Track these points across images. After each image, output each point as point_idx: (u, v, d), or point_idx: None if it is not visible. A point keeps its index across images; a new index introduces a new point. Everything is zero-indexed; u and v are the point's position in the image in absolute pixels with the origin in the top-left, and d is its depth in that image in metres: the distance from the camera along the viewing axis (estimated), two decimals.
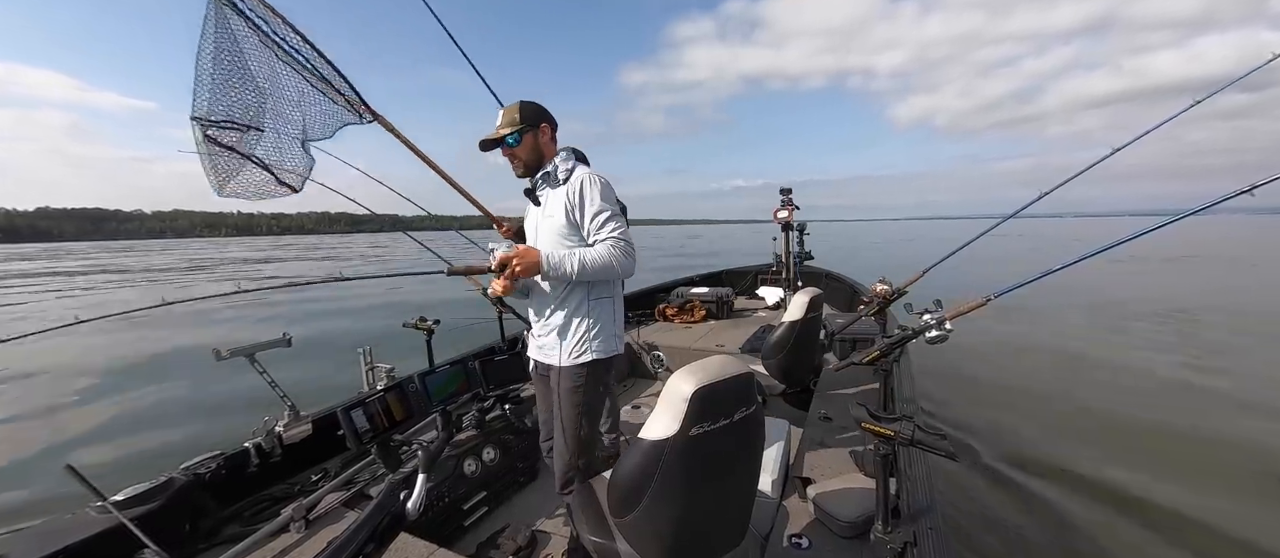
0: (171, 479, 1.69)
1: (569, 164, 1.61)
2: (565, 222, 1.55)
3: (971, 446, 3.69)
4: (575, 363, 1.58)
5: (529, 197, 1.67)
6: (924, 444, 1.31)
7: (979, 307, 1.55)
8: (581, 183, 1.54)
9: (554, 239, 1.59)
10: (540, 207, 1.64)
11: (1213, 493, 3.05)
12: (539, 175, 1.63)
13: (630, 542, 1.17)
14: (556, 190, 1.59)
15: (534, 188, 1.65)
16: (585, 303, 1.60)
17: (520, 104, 1.60)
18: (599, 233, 1.52)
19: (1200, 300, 9.63)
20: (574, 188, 1.54)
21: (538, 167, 1.63)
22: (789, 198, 4.90)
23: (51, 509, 1.57)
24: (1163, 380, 5.19)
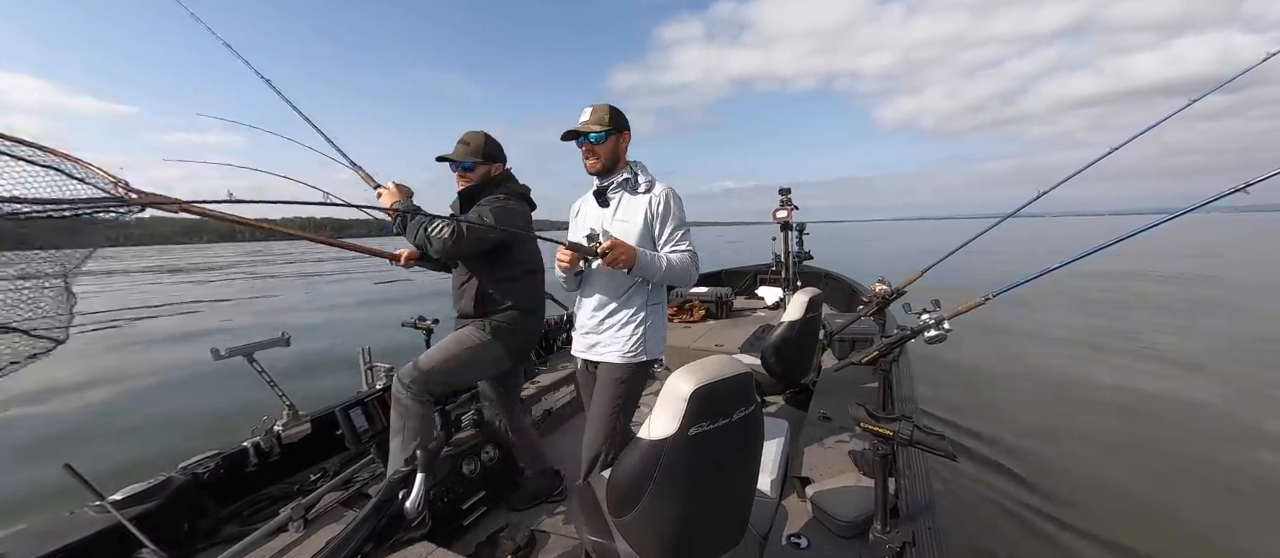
0: (170, 479, 1.69)
1: (649, 177, 1.72)
2: (642, 228, 1.66)
3: (970, 445, 3.69)
4: (630, 361, 1.66)
5: (597, 196, 1.75)
6: (923, 444, 1.31)
7: (978, 306, 1.55)
8: (667, 197, 1.68)
9: (624, 236, 1.66)
10: (607, 208, 1.73)
11: (1212, 493, 3.06)
12: (617, 180, 1.71)
13: (629, 541, 1.17)
14: (636, 197, 1.69)
15: (604, 189, 1.72)
16: (645, 306, 1.68)
17: (610, 108, 1.67)
18: (676, 245, 1.66)
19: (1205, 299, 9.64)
20: (659, 199, 1.67)
21: (611, 170, 1.71)
22: (788, 198, 4.90)
23: (50, 509, 1.56)
24: (1161, 380, 5.20)
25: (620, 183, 1.71)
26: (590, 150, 1.67)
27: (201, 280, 22.69)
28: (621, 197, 1.72)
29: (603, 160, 1.67)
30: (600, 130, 1.63)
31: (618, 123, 1.68)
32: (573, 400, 2.93)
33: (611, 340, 1.67)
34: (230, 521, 1.79)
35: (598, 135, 1.64)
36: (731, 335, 3.87)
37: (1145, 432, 3.97)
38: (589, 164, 1.69)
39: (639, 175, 1.71)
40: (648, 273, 1.57)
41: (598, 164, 1.68)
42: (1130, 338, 6.88)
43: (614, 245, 1.47)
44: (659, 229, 1.67)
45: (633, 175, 1.71)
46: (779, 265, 5.25)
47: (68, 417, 5.07)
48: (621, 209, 1.71)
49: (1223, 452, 3.59)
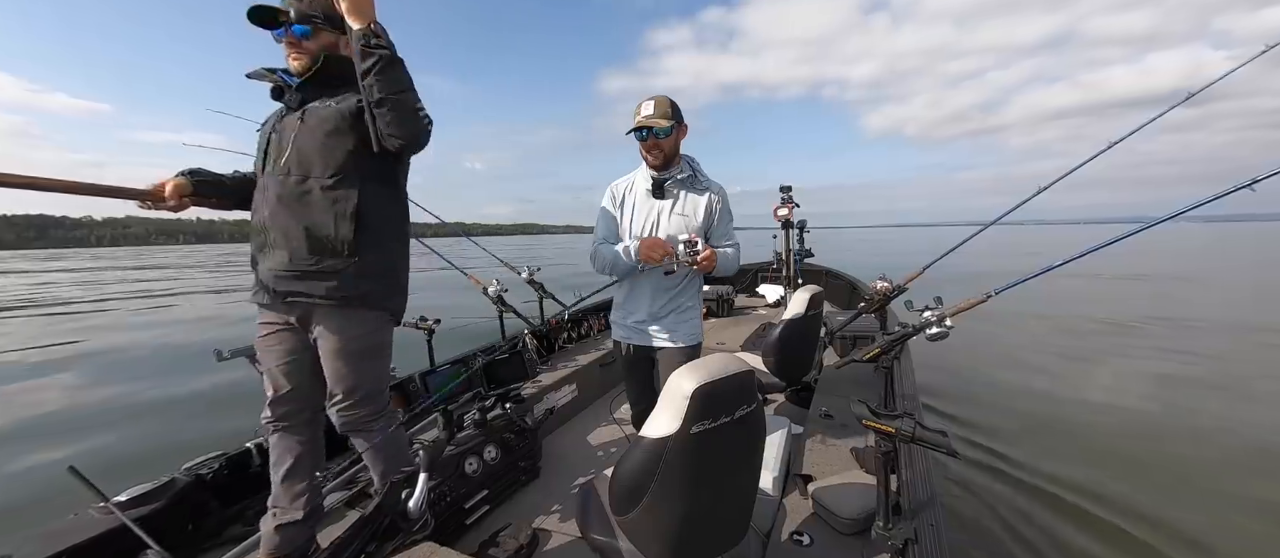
0: (174, 480, 1.69)
1: (706, 174, 1.79)
2: (701, 222, 1.73)
3: (972, 442, 3.69)
4: (689, 344, 1.76)
5: (655, 188, 1.75)
6: (925, 441, 1.31)
7: (980, 303, 1.55)
8: (724, 195, 1.78)
9: (680, 231, 1.70)
10: (663, 200, 1.75)
11: (1212, 492, 3.06)
12: (676, 174, 1.73)
13: (632, 540, 1.17)
14: (697, 194, 1.75)
15: (663, 182, 1.73)
16: (697, 296, 1.81)
17: (670, 100, 1.67)
18: (726, 238, 1.77)
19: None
20: (719, 197, 1.76)
21: (670, 163, 1.72)
22: (789, 195, 4.89)
23: (54, 511, 1.57)
24: (1160, 380, 5.19)
25: (681, 178, 1.74)
26: (656, 145, 1.67)
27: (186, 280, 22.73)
28: (681, 192, 1.75)
29: (666, 153, 1.69)
30: (667, 124, 1.63)
31: (678, 116, 1.68)
32: (574, 400, 2.93)
33: (676, 326, 1.76)
34: (234, 521, 1.79)
35: (665, 130, 1.64)
36: (733, 334, 3.87)
37: (1145, 429, 3.96)
38: (652, 158, 1.70)
39: (698, 172, 1.77)
40: (722, 271, 1.68)
41: (661, 158, 1.69)
42: (1133, 334, 6.87)
43: (707, 252, 1.55)
44: (717, 224, 1.76)
45: (692, 172, 1.76)
46: (780, 263, 5.25)
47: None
48: (682, 204, 1.74)
49: (1223, 452, 3.58)
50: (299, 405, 1.48)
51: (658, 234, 1.73)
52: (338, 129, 1.36)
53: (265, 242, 1.38)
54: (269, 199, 1.37)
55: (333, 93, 1.39)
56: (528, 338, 3.22)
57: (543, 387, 2.86)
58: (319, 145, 1.35)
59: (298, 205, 1.34)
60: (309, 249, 1.34)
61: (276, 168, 1.37)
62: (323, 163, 1.35)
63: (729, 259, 1.72)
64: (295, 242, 1.34)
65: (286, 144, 1.37)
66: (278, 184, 1.36)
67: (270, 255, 1.37)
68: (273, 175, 1.37)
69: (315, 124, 1.36)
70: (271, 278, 1.37)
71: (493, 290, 3.03)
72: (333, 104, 1.37)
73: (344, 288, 1.36)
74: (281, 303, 1.40)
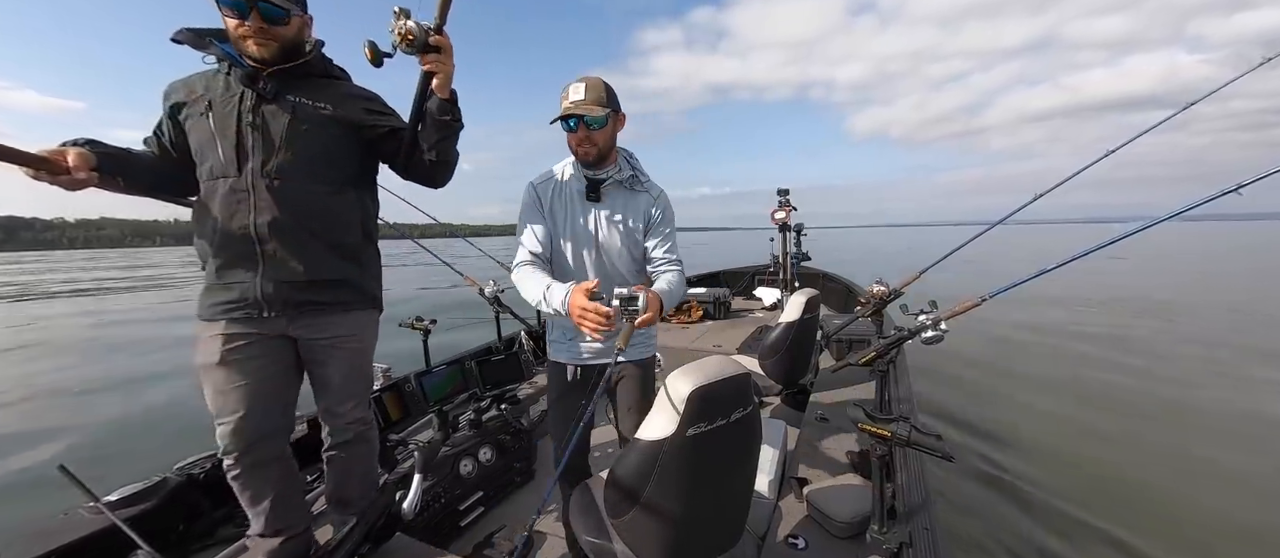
0: (165, 480, 1.68)
1: (646, 174, 1.52)
2: (642, 230, 1.49)
3: (967, 446, 3.70)
4: (645, 357, 1.59)
5: (590, 192, 1.45)
6: (920, 445, 1.31)
7: (974, 306, 1.56)
8: (666, 201, 1.53)
9: (622, 246, 1.51)
10: (599, 204, 1.46)
11: (1213, 491, 3.07)
12: (612, 172, 1.45)
13: (627, 542, 1.17)
14: (635, 195, 1.49)
15: (598, 182, 1.45)
16: None
17: (605, 83, 1.38)
18: (669, 256, 1.50)
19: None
20: (663, 203, 1.51)
21: (605, 158, 1.44)
22: (786, 199, 4.90)
23: (44, 510, 1.55)
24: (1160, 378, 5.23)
25: (620, 179, 1.46)
26: (588, 138, 1.37)
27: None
28: (617, 193, 1.48)
29: (600, 147, 1.40)
30: (601, 113, 1.34)
31: (615, 102, 1.39)
32: None
33: (636, 339, 1.47)
34: (226, 522, 1.77)
35: (598, 120, 1.35)
36: (729, 336, 3.87)
37: (1144, 428, 3.99)
38: (583, 152, 1.40)
39: (639, 171, 1.51)
40: (668, 310, 1.39)
41: (594, 152, 1.40)
42: (1127, 337, 6.91)
43: (651, 304, 1.23)
44: (656, 235, 1.50)
45: (631, 169, 1.49)
46: (777, 266, 5.26)
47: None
48: (620, 207, 1.48)
49: (1223, 451, 3.61)
50: (277, 426, 1.38)
51: (597, 246, 1.48)
52: (344, 137, 1.34)
53: (258, 250, 1.26)
54: (263, 202, 1.24)
55: (314, 86, 1.32)
56: (525, 338, 3.21)
57: (539, 388, 2.85)
58: (325, 150, 1.31)
59: (307, 212, 1.28)
60: (326, 258, 1.32)
61: (267, 167, 1.25)
62: (330, 168, 1.32)
63: (672, 294, 1.41)
64: (312, 252, 1.29)
65: (276, 141, 1.25)
66: (274, 187, 1.25)
67: (275, 266, 1.27)
68: (261, 175, 1.24)
69: (317, 127, 1.29)
70: (273, 290, 1.27)
71: (489, 291, 3.02)
72: (330, 108, 1.31)
73: (354, 292, 1.39)
74: (279, 316, 1.30)
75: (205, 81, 1.29)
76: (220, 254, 1.27)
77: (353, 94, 1.39)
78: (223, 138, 1.25)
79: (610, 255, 1.50)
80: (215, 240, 1.27)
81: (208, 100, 1.26)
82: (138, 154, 1.29)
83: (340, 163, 1.34)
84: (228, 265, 1.28)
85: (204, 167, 1.27)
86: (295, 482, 1.46)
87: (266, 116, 1.26)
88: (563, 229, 1.48)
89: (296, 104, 1.28)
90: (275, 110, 1.26)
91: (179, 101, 1.28)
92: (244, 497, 1.37)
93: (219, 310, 1.28)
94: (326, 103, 1.31)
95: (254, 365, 1.30)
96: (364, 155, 1.40)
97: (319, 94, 1.31)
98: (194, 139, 1.28)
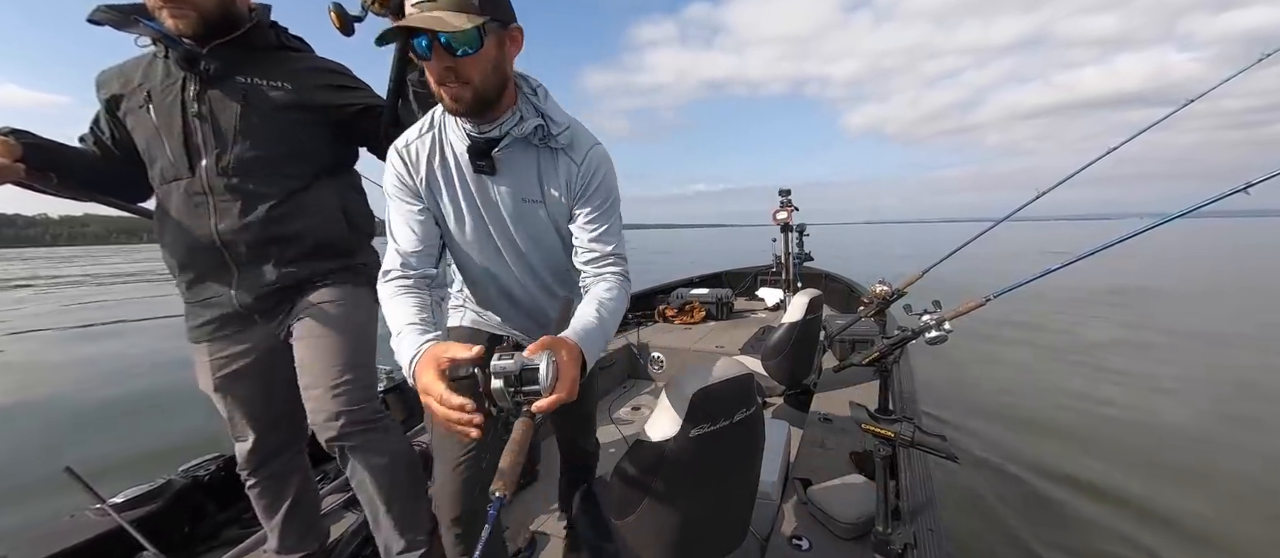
0: (170, 482, 1.69)
1: (566, 119, 0.96)
2: (565, 214, 0.99)
3: (971, 446, 3.68)
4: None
5: (477, 159, 0.93)
6: (924, 445, 1.31)
7: (978, 306, 1.55)
8: (604, 167, 0.98)
9: (542, 239, 1.04)
10: (496, 177, 0.95)
11: (1214, 492, 3.06)
12: (508, 123, 0.91)
13: (631, 543, 1.17)
14: (552, 155, 0.96)
15: (488, 143, 0.91)
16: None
17: None
18: (605, 261, 0.99)
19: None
20: (592, 169, 0.97)
21: (493, 103, 0.89)
22: (788, 199, 4.90)
23: (50, 512, 1.56)
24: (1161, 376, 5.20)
25: (518, 132, 0.91)
26: (452, 70, 0.81)
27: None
28: (521, 156, 0.95)
29: (477, 86, 0.84)
30: (466, 27, 0.76)
31: (497, 6, 0.83)
32: None
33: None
34: (231, 523, 1.78)
35: (465, 38, 0.78)
36: (732, 337, 3.86)
37: (1145, 427, 3.96)
38: (448, 96, 0.84)
39: (549, 115, 0.94)
40: (596, 357, 0.89)
41: (468, 95, 0.84)
42: (1133, 336, 6.88)
43: (565, 372, 0.75)
44: (590, 215, 0.98)
45: (537, 115, 0.93)
46: (779, 267, 5.25)
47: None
48: (525, 179, 0.96)
49: (1225, 449, 3.58)
50: (284, 442, 1.29)
51: (509, 242, 1.02)
52: (309, 121, 1.14)
53: (226, 258, 1.10)
54: (224, 204, 1.07)
55: (266, 62, 1.12)
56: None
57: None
58: (288, 138, 1.11)
59: (273, 210, 1.10)
60: (302, 257, 1.15)
61: (222, 163, 1.07)
62: (296, 159, 1.13)
63: (605, 326, 0.92)
64: (286, 253, 1.14)
65: (227, 133, 1.07)
66: (234, 185, 1.07)
67: (245, 276, 1.12)
68: (217, 173, 1.07)
69: (275, 112, 1.09)
70: (254, 300, 1.13)
71: None
72: (288, 87, 1.10)
73: (346, 270, 1.23)
74: (267, 321, 1.17)
75: (143, 69, 1.11)
76: (188, 268, 1.14)
77: (314, 67, 1.18)
78: (168, 133, 1.07)
79: (528, 256, 1.05)
80: (180, 253, 1.12)
81: (147, 90, 1.08)
82: (76, 150, 1.14)
83: (307, 152, 1.15)
84: (199, 280, 1.15)
85: (154, 168, 1.12)
86: (311, 494, 1.39)
87: (213, 104, 1.07)
88: (453, 218, 0.99)
89: (248, 86, 1.08)
90: (223, 96, 1.07)
91: (115, 94, 1.11)
92: (259, 506, 1.33)
93: (203, 334, 1.17)
94: (282, 81, 1.11)
95: (251, 386, 1.20)
96: (336, 140, 1.20)
97: (273, 71, 1.11)
98: (139, 137, 1.11)
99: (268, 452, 1.26)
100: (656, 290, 5.05)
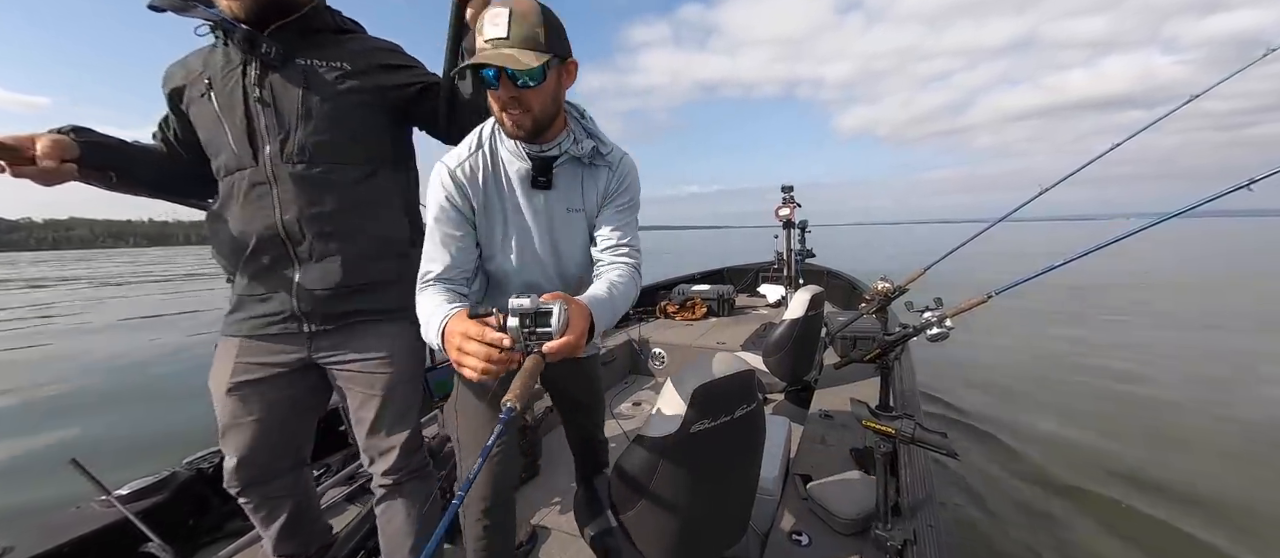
0: (175, 474, 1.70)
1: (609, 141, 1.09)
2: (596, 215, 1.11)
3: (972, 443, 3.69)
4: (589, 353, 1.37)
5: (538, 176, 1.03)
6: (924, 442, 1.31)
7: (980, 303, 1.55)
8: (633, 173, 1.12)
9: (586, 245, 1.14)
10: (550, 191, 1.05)
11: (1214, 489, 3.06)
12: (571, 146, 1.03)
13: (632, 538, 1.18)
14: (595, 171, 1.08)
15: (547, 161, 1.02)
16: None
17: (541, 10, 0.89)
18: (621, 243, 1.09)
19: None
20: (626, 170, 1.10)
21: (547, 128, 0.99)
22: (790, 195, 4.89)
23: (55, 503, 1.57)
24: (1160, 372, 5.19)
25: (575, 151, 1.03)
26: (516, 100, 0.91)
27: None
28: (573, 172, 1.07)
29: (537, 114, 0.94)
30: (534, 65, 0.85)
31: (560, 46, 0.92)
32: None
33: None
34: (234, 516, 1.80)
35: (532, 74, 0.87)
36: (733, 333, 3.86)
37: (1146, 424, 3.96)
38: (511, 122, 0.94)
39: (600, 140, 1.08)
40: (602, 324, 0.90)
41: (529, 122, 0.94)
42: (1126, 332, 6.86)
43: (574, 321, 0.79)
44: (612, 213, 1.10)
45: (589, 137, 1.07)
46: (781, 263, 5.24)
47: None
48: (576, 192, 1.08)
49: (1223, 450, 3.58)
50: (288, 464, 1.24)
51: (553, 250, 1.11)
52: (369, 104, 1.10)
53: (289, 252, 1.07)
54: (288, 193, 1.05)
55: (325, 44, 1.09)
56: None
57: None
58: (350, 122, 1.08)
59: (339, 200, 1.07)
60: (367, 255, 1.10)
61: (287, 150, 1.05)
62: (357, 145, 1.09)
63: (615, 301, 0.97)
64: (350, 248, 1.08)
65: (289, 117, 1.04)
66: (298, 173, 1.05)
67: (309, 269, 1.07)
68: (281, 161, 1.05)
69: (337, 95, 1.06)
70: (311, 300, 1.08)
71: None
72: (347, 67, 1.08)
73: (401, 297, 1.10)
74: (315, 332, 1.10)
75: (203, 58, 1.09)
76: (251, 261, 1.09)
77: (369, 47, 1.14)
78: (230, 120, 1.05)
79: (564, 260, 1.13)
80: (242, 244, 1.08)
81: (207, 78, 1.06)
82: (138, 147, 1.13)
83: (368, 138, 1.11)
84: (260, 273, 1.09)
85: (218, 161, 1.09)
86: (309, 502, 1.34)
87: (275, 88, 1.04)
88: (500, 230, 1.07)
89: (308, 69, 1.05)
90: (284, 80, 1.04)
91: (177, 86, 1.10)
92: (254, 519, 1.27)
93: (245, 328, 1.11)
94: (341, 62, 1.08)
95: (267, 401, 1.14)
96: (394, 126, 1.16)
97: (331, 53, 1.08)
98: (202, 130, 1.09)
99: (258, 475, 1.19)
100: (658, 287, 5.05)
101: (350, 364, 1.14)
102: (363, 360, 1.13)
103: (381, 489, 1.20)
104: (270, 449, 1.18)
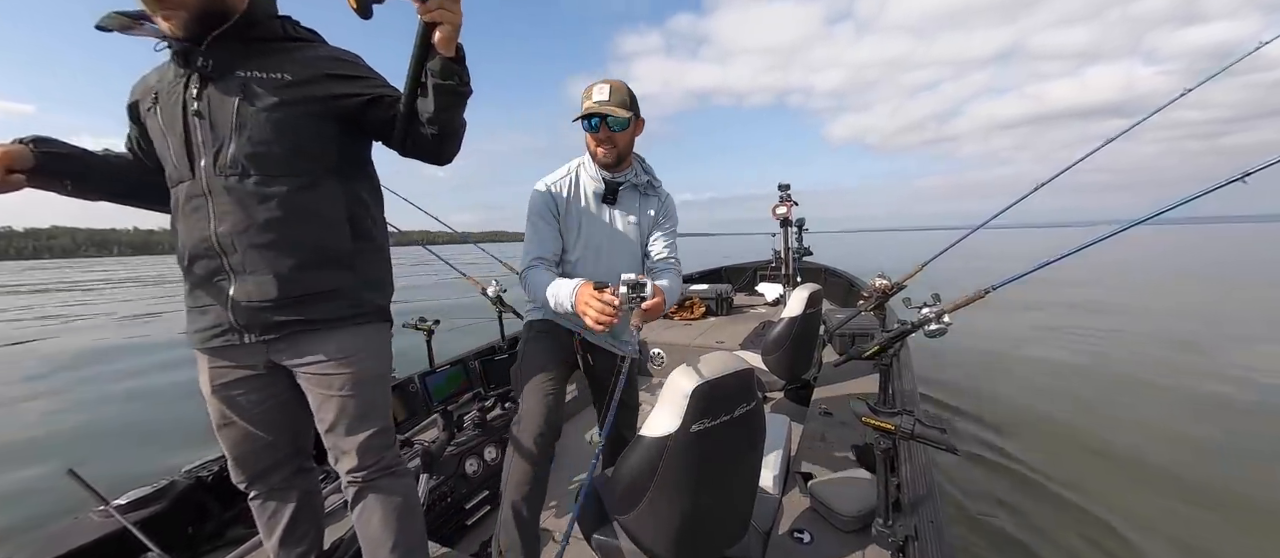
0: (173, 483, 1.69)
1: (658, 178, 1.62)
2: (649, 230, 1.61)
3: (971, 438, 3.70)
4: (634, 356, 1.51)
5: (609, 194, 1.52)
6: (924, 438, 1.31)
7: (977, 299, 1.55)
8: (672, 202, 1.64)
9: (634, 249, 1.61)
10: (615, 206, 1.55)
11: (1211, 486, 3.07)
12: (629, 176, 1.54)
13: (633, 538, 1.18)
14: (646, 198, 1.60)
15: (616, 185, 1.52)
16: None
17: (627, 87, 1.44)
18: (668, 255, 1.61)
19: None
20: (670, 203, 1.63)
21: (622, 162, 1.52)
22: (787, 193, 4.89)
23: (53, 514, 1.56)
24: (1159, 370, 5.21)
25: (634, 181, 1.55)
26: (609, 138, 1.43)
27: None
28: (631, 195, 1.57)
29: (619, 149, 1.46)
30: (625, 115, 1.40)
31: (636, 107, 1.46)
32: (574, 399, 2.93)
33: (627, 336, 1.60)
34: (234, 524, 1.79)
35: (621, 122, 1.40)
36: (732, 332, 3.87)
37: (1146, 420, 3.98)
38: (603, 153, 1.46)
39: (653, 176, 1.60)
40: (670, 303, 1.46)
41: (614, 154, 1.46)
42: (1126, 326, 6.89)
43: (656, 293, 1.20)
44: (662, 235, 1.62)
45: (646, 174, 1.58)
46: (779, 262, 5.25)
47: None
48: (633, 209, 1.57)
49: (1224, 448, 3.60)
50: (286, 455, 1.25)
51: (611, 249, 1.55)
52: (312, 115, 1.08)
53: (223, 265, 1.06)
54: (222, 206, 1.04)
55: (270, 55, 1.07)
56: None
57: None
58: (287, 133, 1.05)
59: (272, 212, 1.05)
60: (302, 267, 1.08)
61: (219, 163, 1.03)
62: (298, 156, 1.07)
63: (672, 291, 1.50)
64: (284, 261, 1.06)
65: (225, 130, 1.03)
66: (231, 185, 1.04)
67: (243, 282, 1.06)
68: (215, 173, 1.03)
69: (275, 106, 1.04)
70: (247, 313, 1.07)
71: (491, 291, 3.02)
72: (288, 78, 1.06)
73: (349, 304, 1.14)
74: (258, 342, 1.10)
75: (160, 73, 1.10)
76: (190, 273, 1.10)
77: (319, 56, 1.11)
78: (171, 134, 1.05)
79: (623, 258, 1.57)
80: (184, 257, 1.09)
81: (155, 93, 1.07)
82: (103, 157, 1.15)
83: (310, 148, 1.08)
84: (197, 285, 1.10)
85: (167, 172, 1.10)
86: (312, 503, 1.35)
87: (211, 101, 1.03)
88: (578, 232, 1.52)
89: (247, 80, 1.03)
90: (221, 92, 1.03)
91: (134, 101, 1.12)
92: (260, 519, 1.29)
93: (199, 339, 1.12)
94: (283, 72, 1.06)
95: (246, 402, 1.15)
96: (344, 135, 1.13)
97: (275, 63, 1.06)
98: (154, 142, 1.10)
99: (256, 470, 1.22)
100: None
101: (308, 367, 1.13)
102: (319, 363, 1.13)
103: (351, 490, 1.20)
104: (264, 446, 1.21)
